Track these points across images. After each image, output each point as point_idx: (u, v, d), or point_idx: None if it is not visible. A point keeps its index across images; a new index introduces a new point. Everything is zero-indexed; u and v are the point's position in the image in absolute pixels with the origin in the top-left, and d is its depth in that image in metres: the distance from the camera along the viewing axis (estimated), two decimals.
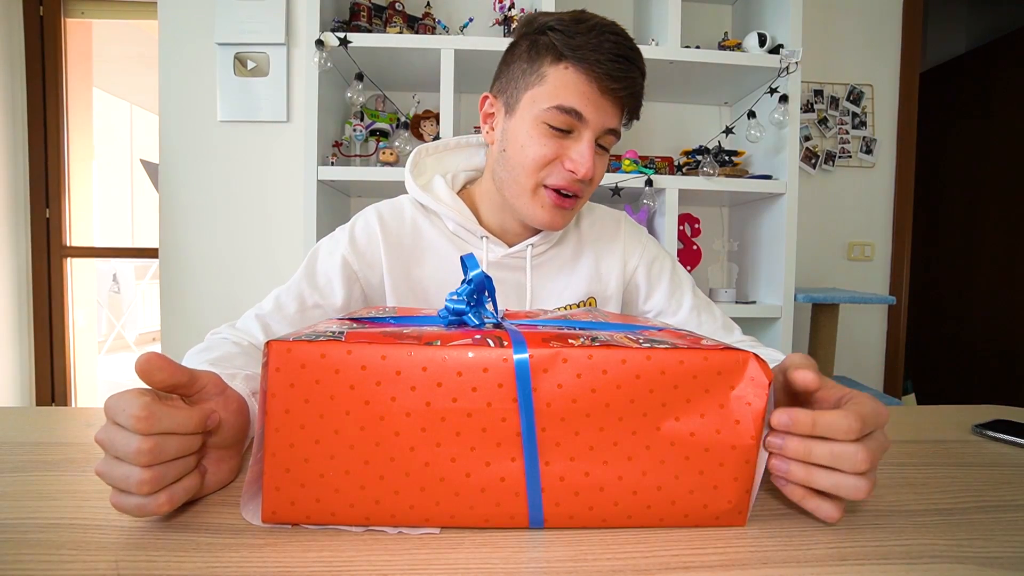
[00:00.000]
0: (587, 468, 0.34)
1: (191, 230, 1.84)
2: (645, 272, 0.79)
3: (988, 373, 2.55)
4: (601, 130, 0.64)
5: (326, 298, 0.72)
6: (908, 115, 2.06)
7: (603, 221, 0.81)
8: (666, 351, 0.33)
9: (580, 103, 0.61)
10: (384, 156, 1.61)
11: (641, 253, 0.80)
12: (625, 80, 0.61)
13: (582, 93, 0.61)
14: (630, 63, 0.61)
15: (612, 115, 0.63)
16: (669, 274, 0.80)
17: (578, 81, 0.61)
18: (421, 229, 0.75)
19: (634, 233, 0.82)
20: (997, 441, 0.55)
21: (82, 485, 0.40)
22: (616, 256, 0.78)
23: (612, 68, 0.60)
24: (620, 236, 0.80)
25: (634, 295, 0.80)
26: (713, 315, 0.79)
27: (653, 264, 0.80)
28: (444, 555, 0.31)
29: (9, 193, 1.95)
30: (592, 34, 0.60)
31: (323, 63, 1.49)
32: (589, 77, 0.61)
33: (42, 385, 2.05)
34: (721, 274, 1.97)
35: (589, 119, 0.62)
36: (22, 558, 0.30)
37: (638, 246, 0.80)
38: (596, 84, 0.61)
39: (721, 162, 1.70)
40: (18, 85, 1.97)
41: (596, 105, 0.62)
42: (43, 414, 0.60)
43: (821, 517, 0.35)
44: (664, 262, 0.81)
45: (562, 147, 0.64)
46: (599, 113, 0.62)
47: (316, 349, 0.32)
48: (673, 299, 0.79)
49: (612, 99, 0.62)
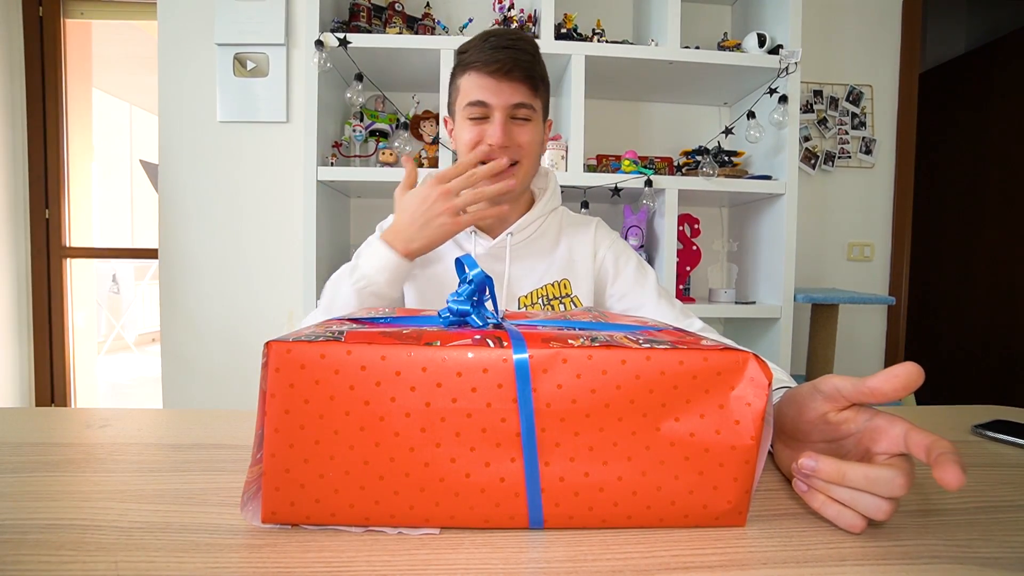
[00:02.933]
0: (587, 468, 0.34)
1: (191, 230, 1.84)
2: (613, 259, 0.91)
3: (987, 373, 2.55)
4: (508, 107, 0.79)
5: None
6: (908, 115, 2.06)
7: (578, 223, 0.95)
8: (666, 351, 0.33)
9: (482, 94, 0.79)
10: (384, 156, 1.61)
11: (610, 245, 0.93)
12: (510, 63, 0.77)
13: (481, 87, 0.79)
14: (512, 49, 0.77)
15: (513, 93, 0.79)
16: (635, 265, 0.92)
17: (477, 79, 0.79)
18: None
19: (605, 231, 0.95)
20: (997, 441, 0.55)
21: (82, 485, 0.40)
22: (587, 246, 0.91)
23: (495, 59, 0.77)
24: (591, 231, 0.93)
25: (603, 279, 0.92)
26: (672, 303, 0.89)
27: (620, 255, 0.92)
28: (444, 555, 0.31)
29: (9, 193, 1.95)
30: (476, 43, 0.79)
31: (323, 63, 1.50)
32: (481, 73, 0.78)
33: (41, 386, 2.05)
34: (721, 274, 1.97)
35: (492, 103, 0.79)
36: (22, 558, 0.30)
37: (607, 239, 0.93)
38: (489, 76, 0.78)
39: (721, 162, 1.70)
40: (18, 86, 1.97)
41: (494, 90, 0.78)
42: (42, 415, 0.60)
43: (843, 526, 0.34)
44: (630, 255, 0.93)
45: (482, 130, 0.80)
46: (499, 95, 0.78)
47: (316, 349, 0.32)
48: (637, 284, 0.90)
49: (507, 80, 0.78)
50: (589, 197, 1.67)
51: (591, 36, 1.68)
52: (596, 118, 1.90)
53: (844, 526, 0.34)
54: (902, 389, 0.34)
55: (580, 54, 1.55)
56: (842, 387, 0.37)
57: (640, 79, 1.76)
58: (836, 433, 0.38)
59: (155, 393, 2.08)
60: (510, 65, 0.77)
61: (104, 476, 0.42)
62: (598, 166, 1.79)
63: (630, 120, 1.98)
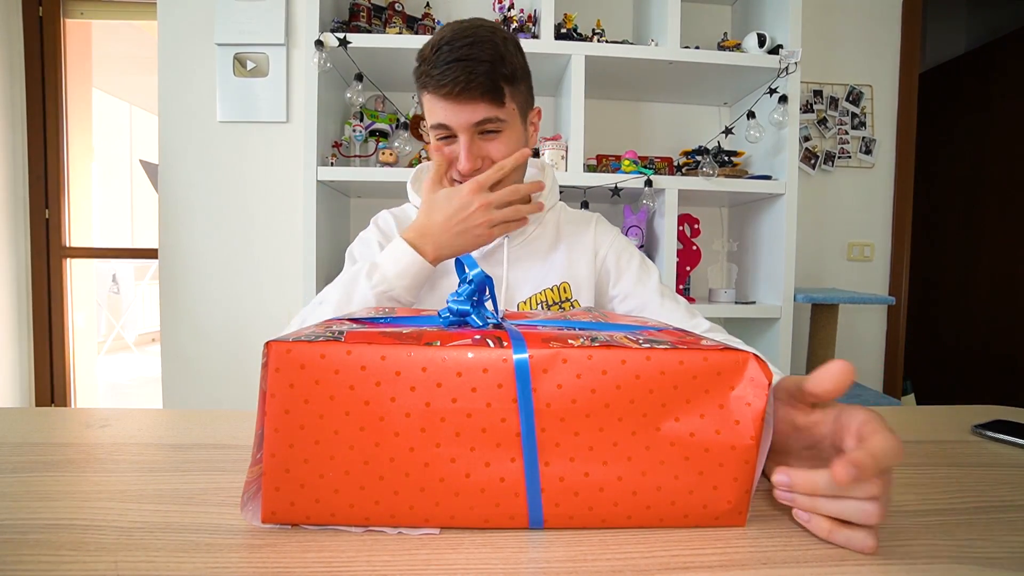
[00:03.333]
0: (587, 468, 0.34)
1: (191, 231, 1.84)
2: (614, 259, 0.86)
3: (987, 373, 2.55)
4: (469, 127, 0.71)
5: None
6: (907, 115, 2.06)
7: (577, 220, 0.89)
8: (666, 351, 0.33)
9: (442, 116, 0.71)
10: (384, 156, 1.61)
11: (610, 244, 0.87)
12: (463, 80, 0.68)
13: (440, 108, 0.71)
14: (465, 62, 0.68)
15: (473, 111, 0.70)
16: (637, 263, 0.87)
17: (434, 100, 0.71)
18: None
19: (605, 228, 0.89)
20: (996, 441, 0.55)
21: (82, 485, 0.40)
22: (587, 246, 0.86)
23: (448, 78, 0.68)
24: (591, 230, 0.88)
25: (604, 280, 0.87)
26: (677, 302, 0.84)
27: (622, 254, 0.87)
28: (444, 555, 0.31)
29: (9, 193, 1.95)
30: (431, 57, 0.70)
31: (323, 63, 1.49)
32: (437, 95, 0.70)
33: (41, 386, 2.05)
34: (721, 274, 1.97)
35: (453, 125, 0.72)
36: (22, 558, 0.30)
37: (608, 237, 0.88)
38: (443, 99, 0.70)
39: (720, 162, 1.70)
40: (17, 86, 1.97)
41: (453, 112, 0.70)
42: (42, 415, 0.60)
43: (856, 549, 0.32)
44: (633, 253, 0.88)
45: (451, 151, 0.74)
46: (459, 116, 0.71)
47: (316, 349, 0.32)
48: (639, 283, 0.85)
49: (465, 100, 0.69)
50: (589, 197, 1.67)
51: (591, 36, 1.68)
52: (596, 118, 1.90)
53: (858, 548, 0.32)
54: (833, 391, 0.35)
55: (580, 54, 1.55)
56: (790, 388, 0.37)
57: (640, 79, 1.76)
58: (811, 438, 0.38)
59: (155, 393, 2.08)
60: (464, 83, 0.68)
61: (104, 476, 0.42)
62: (598, 166, 1.79)
63: (630, 120, 1.98)
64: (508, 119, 0.73)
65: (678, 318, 0.81)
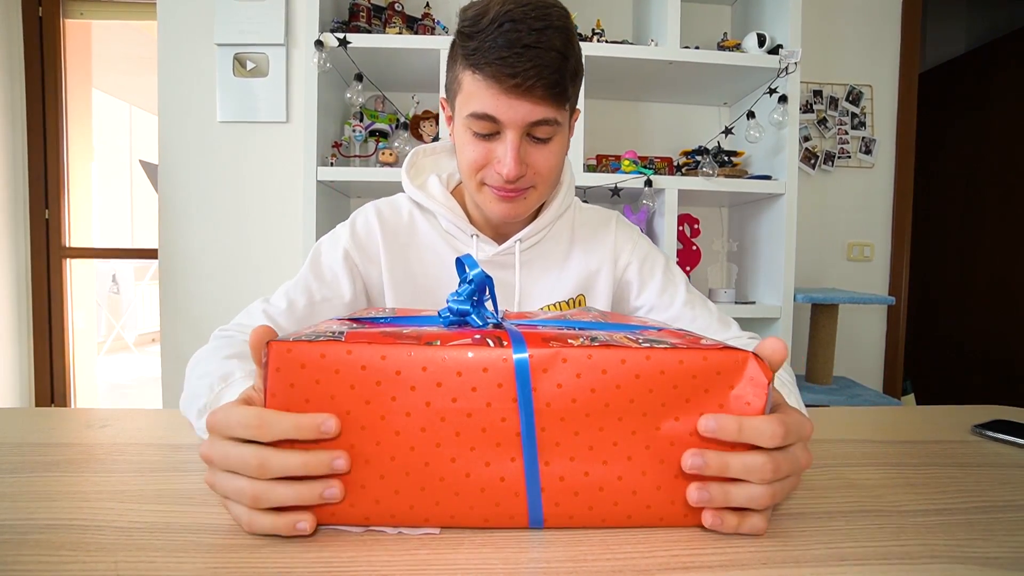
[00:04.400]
0: (587, 468, 0.34)
1: (190, 231, 1.84)
2: (637, 268, 0.78)
3: (987, 373, 2.55)
4: (523, 126, 0.60)
5: (334, 292, 0.73)
6: (907, 115, 2.06)
7: (594, 220, 0.81)
8: (665, 351, 0.33)
9: (490, 107, 0.59)
10: (383, 157, 1.61)
11: (632, 250, 0.79)
12: (528, 72, 0.56)
13: (490, 96, 0.59)
14: (536, 49, 0.56)
15: (530, 109, 0.59)
16: (662, 270, 0.79)
17: (483, 85, 0.59)
18: (417, 226, 0.76)
19: (625, 231, 0.81)
20: (996, 441, 0.55)
21: (82, 486, 0.40)
22: (606, 254, 0.78)
23: (512, 68, 0.56)
24: (611, 234, 0.79)
25: (626, 292, 0.79)
26: (708, 310, 0.77)
27: (645, 261, 0.79)
28: (444, 555, 0.31)
29: (9, 194, 1.95)
30: (489, 30, 0.57)
31: (322, 64, 1.49)
32: (489, 80, 0.58)
33: (41, 386, 2.05)
34: (720, 274, 1.97)
35: (504, 120, 0.60)
36: (22, 558, 0.30)
37: (629, 243, 0.79)
38: (498, 85, 0.58)
39: (720, 162, 1.70)
40: (17, 86, 1.96)
41: (507, 105, 0.59)
42: (42, 415, 0.60)
43: (746, 531, 0.34)
44: (656, 259, 0.80)
45: (490, 150, 0.63)
46: (513, 112, 0.59)
47: (316, 349, 0.32)
48: (665, 294, 0.77)
49: (521, 94, 0.58)
50: (589, 197, 1.67)
51: (591, 36, 1.68)
52: (596, 118, 1.90)
53: (749, 531, 0.34)
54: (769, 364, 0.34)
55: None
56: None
57: (640, 79, 1.76)
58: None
59: (155, 393, 2.08)
60: (532, 78, 0.56)
61: (104, 476, 0.42)
62: (598, 166, 1.79)
63: (630, 120, 1.98)
64: (563, 123, 0.63)
65: (713, 327, 0.74)
